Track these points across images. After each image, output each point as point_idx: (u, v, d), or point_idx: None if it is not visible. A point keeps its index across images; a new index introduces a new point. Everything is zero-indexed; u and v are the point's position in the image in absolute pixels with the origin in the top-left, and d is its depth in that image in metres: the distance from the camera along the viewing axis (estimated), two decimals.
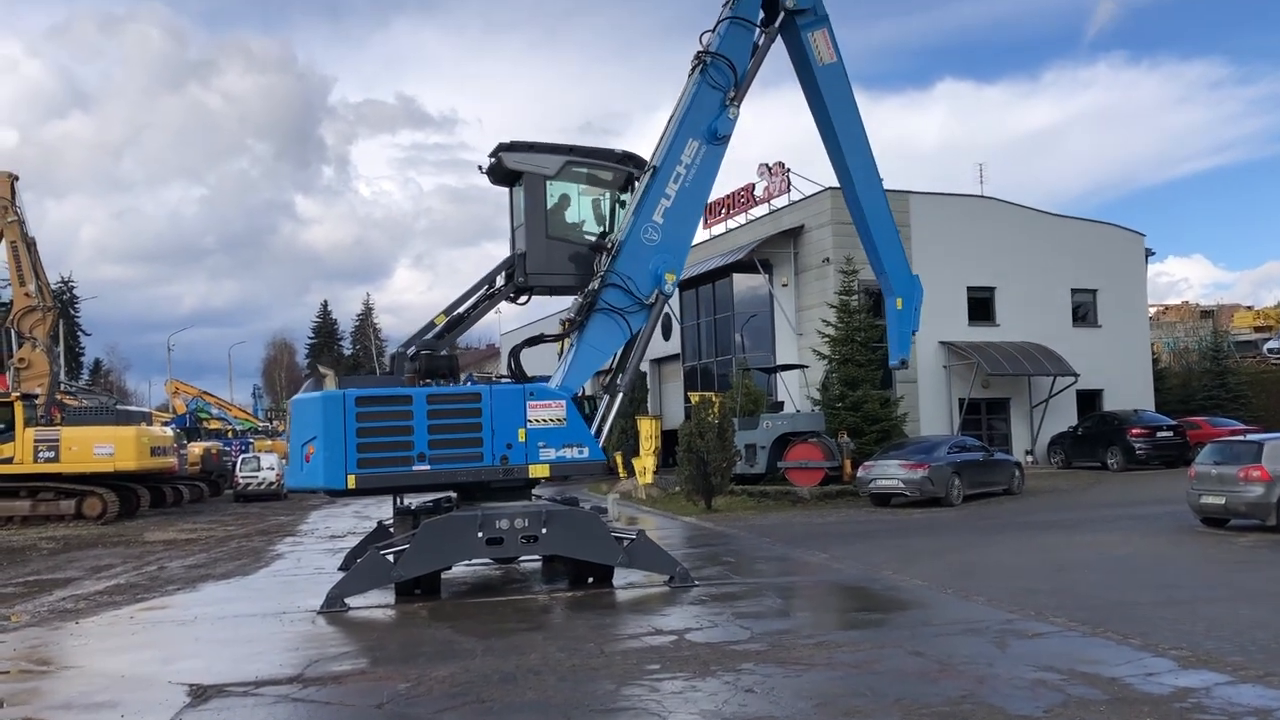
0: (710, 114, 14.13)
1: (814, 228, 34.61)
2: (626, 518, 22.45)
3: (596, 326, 13.66)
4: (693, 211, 14.30)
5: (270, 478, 35.38)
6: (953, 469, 24.01)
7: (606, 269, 13.63)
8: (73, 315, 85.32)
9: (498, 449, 12.70)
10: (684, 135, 14.04)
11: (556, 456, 12.89)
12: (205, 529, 24.39)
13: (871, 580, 13.42)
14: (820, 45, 15.01)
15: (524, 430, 12.80)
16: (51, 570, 17.25)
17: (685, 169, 14.00)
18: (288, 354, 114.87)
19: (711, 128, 14.09)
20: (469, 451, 12.64)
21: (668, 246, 13.90)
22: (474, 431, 12.68)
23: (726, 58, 14.19)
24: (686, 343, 40.52)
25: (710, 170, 14.22)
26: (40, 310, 29.25)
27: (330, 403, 12.37)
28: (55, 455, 26.32)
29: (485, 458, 12.67)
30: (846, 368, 29.84)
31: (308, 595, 12.91)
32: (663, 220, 13.87)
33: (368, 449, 12.34)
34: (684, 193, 14.00)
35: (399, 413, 12.54)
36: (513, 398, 12.87)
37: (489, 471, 12.73)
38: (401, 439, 12.46)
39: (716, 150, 14.24)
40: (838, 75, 15.17)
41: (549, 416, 12.94)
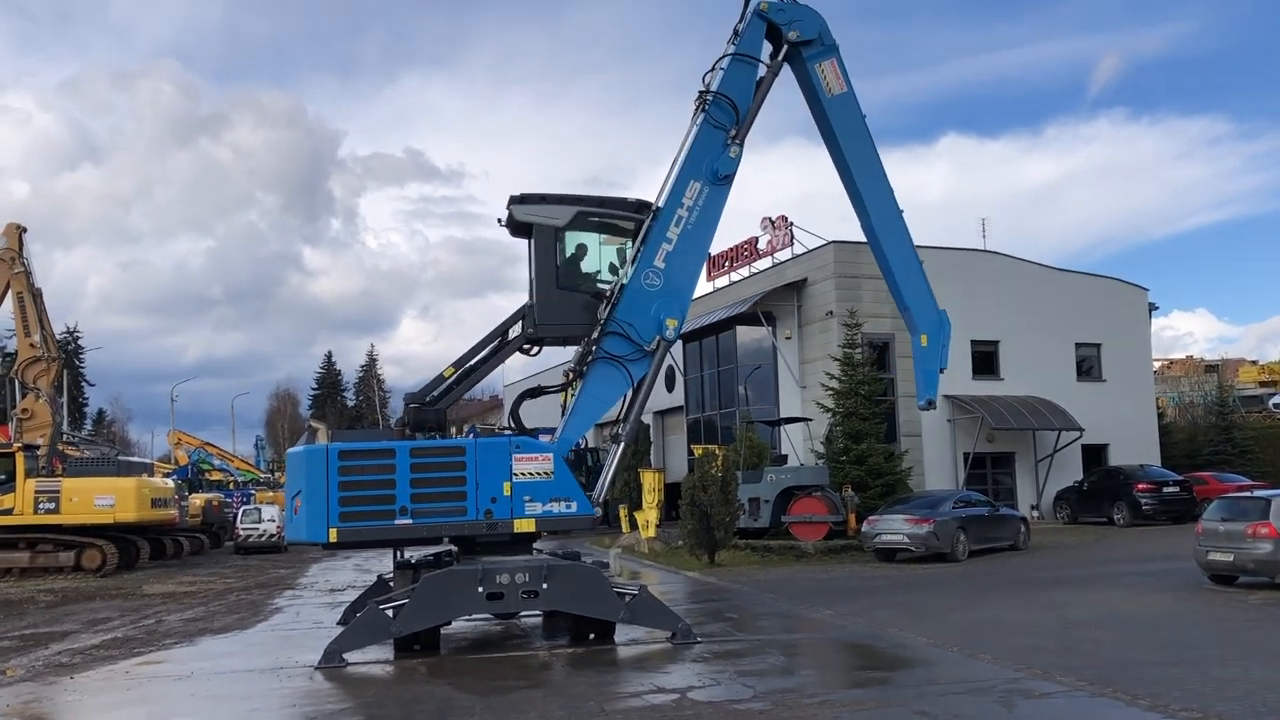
0: (713, 154, 14.06)
1: (817, 281, 34.70)
2: (629, 572, 22.28)
3: (597, 376, 13.61)
4: (695, 255, 14.14)
5: (271, 530, 35.19)
6: (958, 524, 23.83)
7: (607, 317, 13.56)
8: (77, 366, 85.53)
9: (482, 503, 12.57)
10: (685, 177, 14.00)
11: (543, 511, 12.69)
12: (204, 581, 24.21)
13: (876, 638, 13.25)
14: (829, 76, 14.79)
15: (509, 484, 12.64)
16: (48, 623, 17.10)
17: (687, 211, 13.93)
18: (291, 405, 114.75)
19: (713, 168, 14.02)
20: (453, 505, 12.56)
21: (669, 291, 13.78)
22: (458, 485, 12.57)
23: (728, 96, 14.18)
24: (690, 395, 40.47)
25: (713, 212, 14.08)
26: (45, 361, 29.30)
27: (313, 456, 12.46)
28: (56, 506, 26.19)
29: (469, 511, 12.57)
30: (851, 421, 29.76)
31: (306, 650, 12.76)
32: (664, 265, 13.79)
33: (349, 502, 12.33)
34: (686, 236, 13.90)
35: (381, 466, 12.50)
36: (498, 450, 12.74)
37: (473, 526, 12.60)
38: (383, 493, 12.43)
39: (719, 191, 14.11)
40: (848, 106, 14.92)
41: (535, 470, 12.74)
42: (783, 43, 14.68)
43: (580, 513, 12.95)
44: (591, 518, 13.32)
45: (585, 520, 13.22)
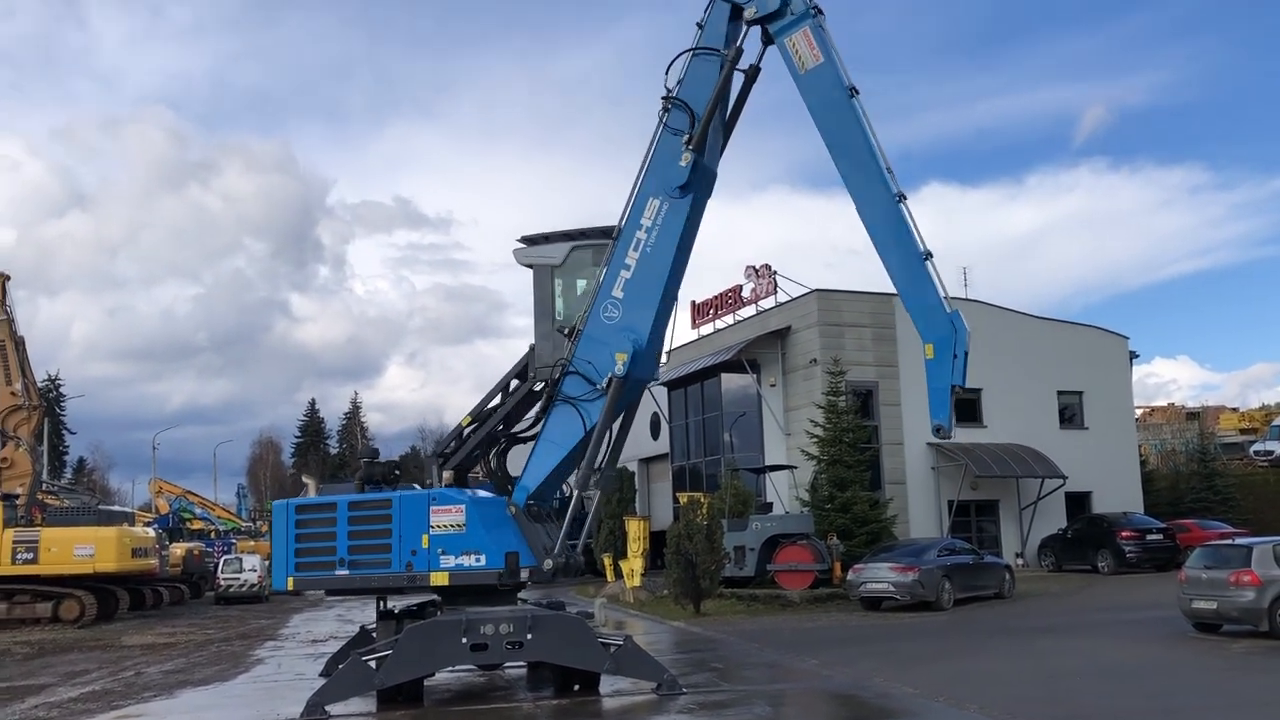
0: (672, 165, 12.91)
1: (801, 329, 34.89)
2: (614, 622, 22.15)
3: (554, 419, 13.24)
4: (653, 281, 12.91)
5: (253, 579, 34.85)
6: (943, 572, 23.81)
7: (568, 355, 13.08)
8: (58, 413, 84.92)
9: (404, 555, 12.62)
10: (645, 194, 13.05)
11: (455, 564, 12.51)
12: (185, 632, 23.93)
13: (862, 688, 13.20)
14: (801, 49, 12.82)
15: (427, 536, 12.59)
16: (24, 676, 16.86)
17: (646, 233, 12.90)
18: (274, 453, 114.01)
19: (669, 180, 12.89)
20: (380, 557, 12.72)
21: (628, 324, 12.89)
22: (384, 538, 12.74)
23: (684, 101, 12.99)
24: (675, 442, 40.44)
25: (672, 231, 12.85)
26: (26, 409, 29.11)
27: (279, 510, 13.30)
28: (34, 557, 25.90)
29: (393, 564, 12.65)
30: (835, 469, 29.78)
31: (288, 702, 12.62)
32: (623, 295, 12.93)
33: (302, 553, 13.01)
34: (644, 260, 12.88)
35: (326, 519, 13.03)
36: (417, 503, 12.77)
37: (395, 578, 12.68)
38: (327, 544, 12.90)
39: (678, 206, 12.85)
40: (823, 78, 12.73)
41: (449, 522, 12.64)
42: (742, 25, 13.20)
43: (488, 566, 12.40)
44: (497, 571, 12.48)
45: (491, 574, 12.46)
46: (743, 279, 37.64)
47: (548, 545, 12.80)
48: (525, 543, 12.65)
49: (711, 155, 13.34)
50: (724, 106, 13.45)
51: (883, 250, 12.80)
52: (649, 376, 13.47)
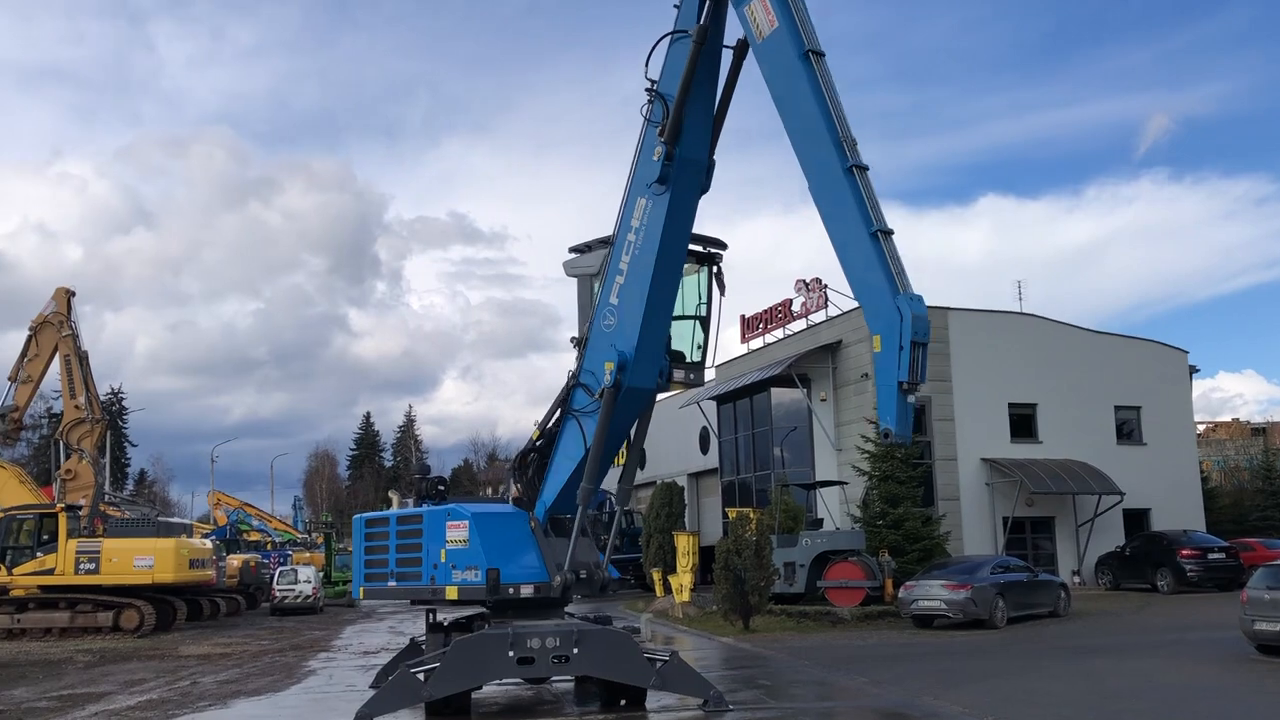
0: (650, 159, 12.29)
1: (852, 343, 34.68)
2: (662, 637, 22.14)
3: (565, 433, 13.18)
4: (639, 285, 12.23)
5: (307, 591, 35.25)
6: (996, 590, 23.49)
7: (576, 366, 12.99)
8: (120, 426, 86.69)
9: (429, 569, 12.95)
10: (634, 194, 12.50)
11: (461, 579, 12.64)
12: (240, 643, 24.30)
13: (910, 706, 13.07)
14: (758, 16, 11.54)
15: (445, 551, 12.83)
16: (86, 684, 17.23)
17: (635, 235, 12.35)
18: (330, 466, 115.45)
19: (648, 175, 12.25)
20: (413, 570, 13.20)
21: (620, 331, 12.46)
22: (416, 551, 13.18)
23: (661, 92, 12.30)
24: (724, 457, 40.36)
25: (654, 229, 12.15)
26: (89, 422, 29.81)
27: (355, 524, 14.11)
28: (96, 567, 26.50)
29: (423, 577, 13.02)
30: (887, 485, 29.53)
31: (338, 714, 12.79)
32: (618, 301, 12.51)
33: (369, 565, 13.84)
34: (634, 263, 12.32)
35: (382, 534, 13.79)
36: (438, 519, 13.04)
37: (422, 591, 13.05)
38: (382, 557, 13.64)
39: (659, 202, 12.12)
40: (778, 42, 11.28)
41: (458, 537, 12.79)
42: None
43: (479, 583, 12.42)
44: (480, 588, 12.46)
45: (478, 590, 12.51)
46: (793, 292, 37.56)
47: (559, 561, 12.68)
48: (541, 558, 12.71)
49: (695, 144, 12.31)
50: (709, 89, 12.36)
51: (828, 225, 11.24)
52: (647, 385, 12.73)
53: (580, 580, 12.85)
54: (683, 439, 45.11)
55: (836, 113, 10.89)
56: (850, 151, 10.82)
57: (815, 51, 11.01)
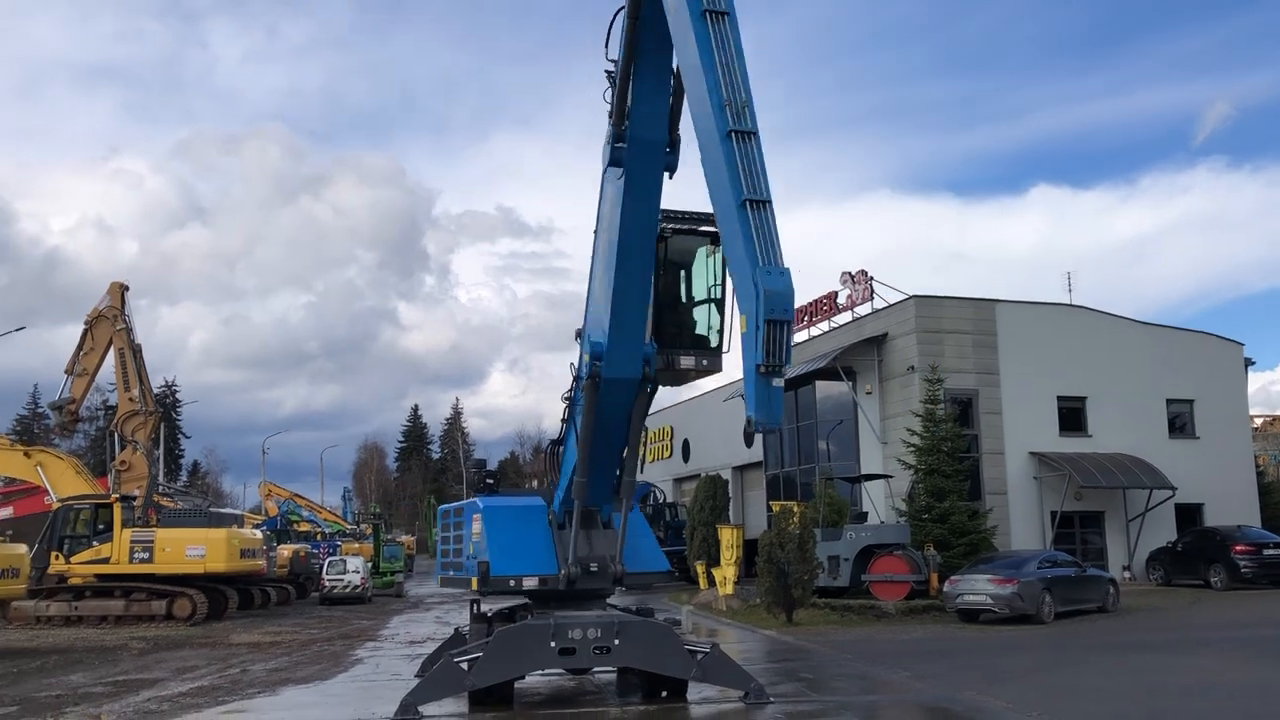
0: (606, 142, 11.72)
1: (898, 335, 34.47)
2: (705, 630, 22.18)
3: (570, 428, 13.14)
4: (608, 272, 11.67)
5: (355, 581, 35.64)
6: (1043, 584, 23.25)
7: (578, 358, 12.79)
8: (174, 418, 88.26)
9: (466, 559, 13.47)
10: (604, 180, 12.05)
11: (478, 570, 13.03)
12: (290, 632, 24.67)
13: (953, 701, 13.01)
14: None
15: (472, 543, 13.29)
16: (140, 670, 17.60)
17: (603, 219, 12.06)
18: (378, 458, 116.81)
19: (603, 156, 11.68)
20: (459, 560, 13.85)
21: (596, 321, 12.25)
22: (459, 543, 13.84)
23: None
24: (768, 450, 40.29)
25: (616, 214, 11.46)
26: (143, 414, 30.34)
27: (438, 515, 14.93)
28: (150, 556, 27.00)
29: (465, 567, 13.49)
30: (933, 478, 29.33)
31: (384, 702, 12.94)
32: (594, 290, 12.36)
33: (442, 554, 14.61)
34: (604, 251, 11.95)
35: (445, 525, 14.61)
36: (471, 511, 13.55)
37: (465, 581, 13.39)
38: (445, 547, 14.55)
39: (618, 186, 11.44)
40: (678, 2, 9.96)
41: (477, 530, 13.15)
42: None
43: (465, 574, 13.10)
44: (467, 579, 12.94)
45: (463, 581, 13.12)
46: (838, 285, 37.40)
47: (580, 554, 12.70)
48: (552, 551, 12.82)
49: (648, 123, 11.33)
50: (659, 62, 11.19)
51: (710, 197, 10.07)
52: (628, 375, 12.08)
53: (590, 573, 12.69)
54: (728, 432, 45.02)
55: (728, 75, 9.59)
56: (735, 116, 9.46)
57: (715, 11, 9.82)
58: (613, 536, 12.93)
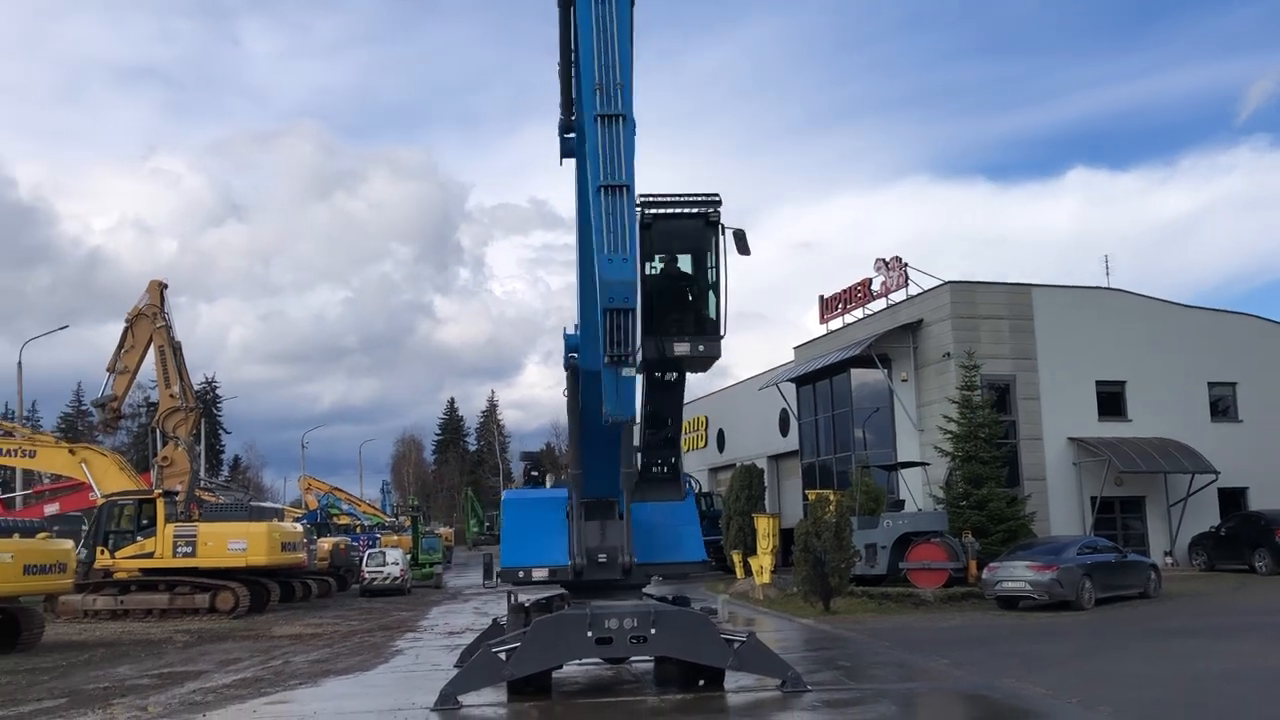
0: None
1: (933, 322, 34.23)
2: (742, 619, 22.20)
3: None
4: (578, 263, 11.60)
5: (395, 573, 35.94)
6: (1083, 570, 23.07)
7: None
8: (215, 414, 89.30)
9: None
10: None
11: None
12: (330, 624, 24.94)
13: (992, 689, 12.95)
14: None
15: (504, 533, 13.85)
16: (184, 662, 17.87)
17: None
18: (415, 450, 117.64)
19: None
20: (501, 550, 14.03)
21: (577, 312, 12.30)
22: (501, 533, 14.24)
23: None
24: (804, 439, 40.14)
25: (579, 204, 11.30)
26: (183, 411, 30.78)
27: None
28: (192, 550, 27.37)
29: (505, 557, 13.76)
30: (970, 465, 29.13)
31: (424, 692, 13.07)
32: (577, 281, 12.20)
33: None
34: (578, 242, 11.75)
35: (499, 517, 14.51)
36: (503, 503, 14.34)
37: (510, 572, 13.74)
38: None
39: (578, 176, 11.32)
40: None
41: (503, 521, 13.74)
42: None
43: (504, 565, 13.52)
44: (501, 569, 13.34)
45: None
46: (872, 272, 37.17)
47: (593, 545, 12.88)
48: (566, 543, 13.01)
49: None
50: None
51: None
52: (594, 365, 11.50)
53: (599, 565, 12.76)
54: (762, 421, 44.99)
55: (603, 57, 9.54)
56: (605, 99, 9.44)
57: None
58: (621, 527, 12.95)
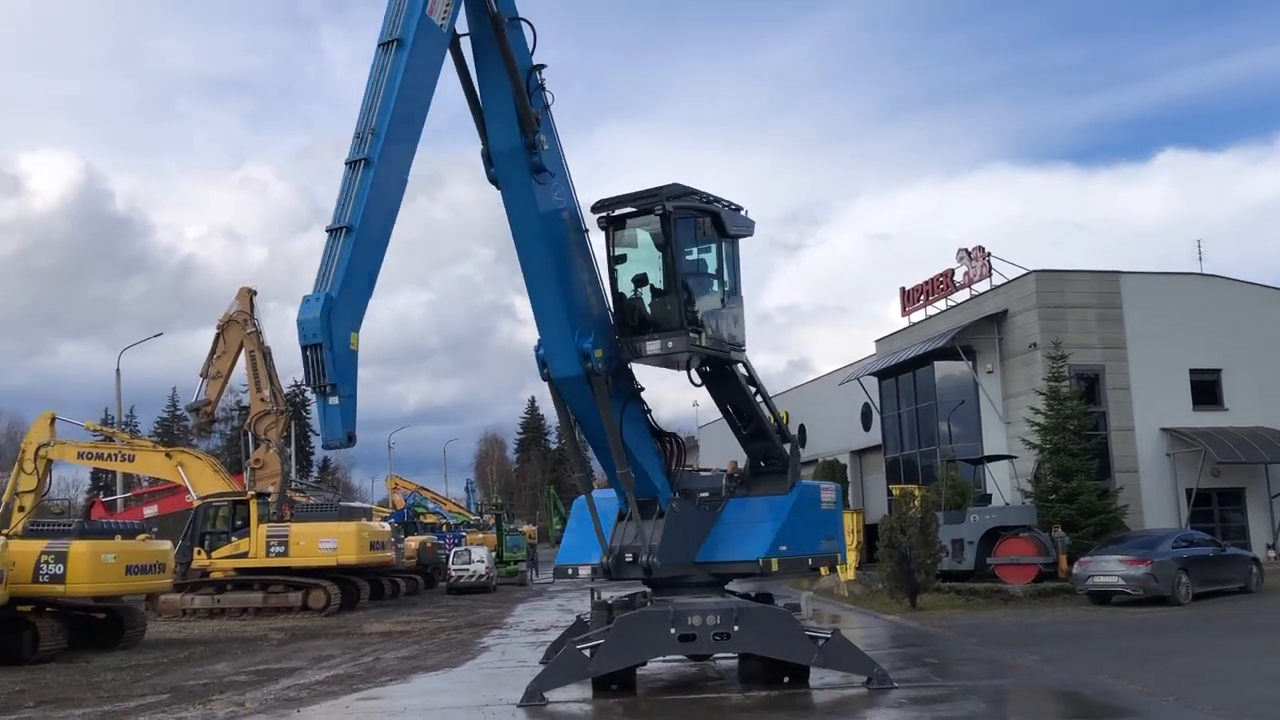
0: None
1: (1018, 312, 33.60)
2: (827, 616, 22.04)
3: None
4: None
5: (480, 570, 36.35)
6: (1179, 564, 22.45)
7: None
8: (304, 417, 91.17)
9: None
10: None
11: None
12: (419, 621, 25.34)
13: (1084, 685, 12.69)
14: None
15: None
16: (279, 660, 18.32)
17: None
18: (498, 450, 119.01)
19: None
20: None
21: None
22: None
23: None
24: (887, 433, 39.72)
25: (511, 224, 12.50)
26: (274, 414, 31.50)
27: None
28: (285, 550, 28.01)
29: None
30: (1059, 458, 28.52)
31: (510, 688, 13.20)
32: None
33: None
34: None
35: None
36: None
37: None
38: None
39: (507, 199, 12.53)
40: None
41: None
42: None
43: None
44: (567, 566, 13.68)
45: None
46: (955, 262, 36.59)
47: (623, 544, 12.87)
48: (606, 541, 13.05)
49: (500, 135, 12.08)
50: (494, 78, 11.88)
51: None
52: (568, 373, 12.32)
53: (625, 563, 12.74)
54: (844, 416, 44.59)
55: (371, 102, 10.34)
56: (358, 144, 10.27)
57: (387, 42, 10.57)
58: (643, 527, 12.77)
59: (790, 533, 13.27)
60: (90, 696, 14.17)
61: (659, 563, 12.50)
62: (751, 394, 13.81)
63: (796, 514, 13.41)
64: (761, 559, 12.92)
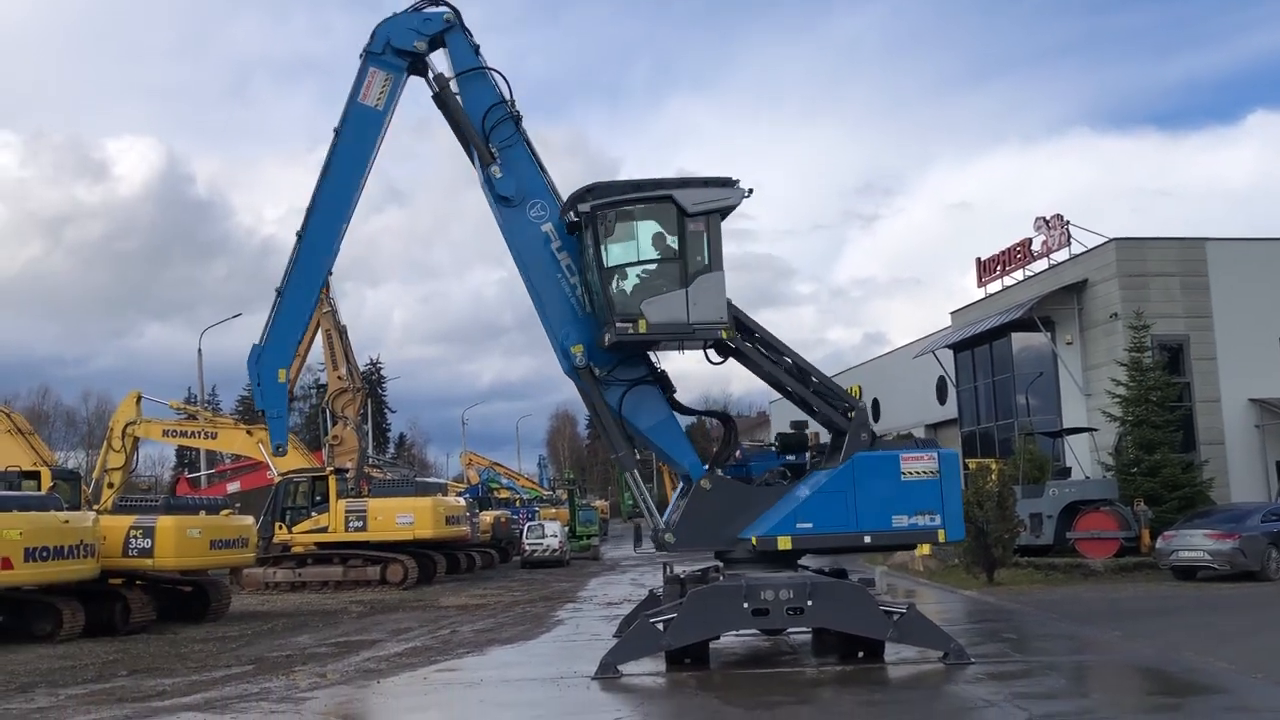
0: None
1: (1098, 282, 32.79)
2: (903, 590, 21.86)
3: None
4: None
5: (554, 545, 36.69)
6: (1269, 539, 21.84)
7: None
8: (380, 394, 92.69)
9: None
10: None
11: None
12: (494, 594, 25.65)
13: (1169, 661, 12.41)
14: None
15: None
16: (359, 632, 18.69)
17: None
18: (570, 426, 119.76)
19: None
20: None
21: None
22: None
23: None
24: (963, 407, 39.13)
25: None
26: (351, 391, 32.00)
27: None
28: (363, 525, 28.55)
29: None
30: (1141, 430, 27.86)
31: (585, 661, 13.31)
32: None
33: None
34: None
35: None
36: None
37: None
38: None
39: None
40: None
41: None
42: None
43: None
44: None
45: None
46: (1032, 231, 35.78)
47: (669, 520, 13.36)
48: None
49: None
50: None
51: None
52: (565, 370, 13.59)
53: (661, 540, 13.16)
54: (919, 389, 44.03)
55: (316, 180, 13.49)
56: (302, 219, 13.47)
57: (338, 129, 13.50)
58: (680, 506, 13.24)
59: (827, 508, 12.70)
60: (179, 666, 14.60)
61: (672, 540, 12.92)
62: (769, 367, 13.55)
63: (843, 487, 12.76)
64: (757, 536, 12.68)
